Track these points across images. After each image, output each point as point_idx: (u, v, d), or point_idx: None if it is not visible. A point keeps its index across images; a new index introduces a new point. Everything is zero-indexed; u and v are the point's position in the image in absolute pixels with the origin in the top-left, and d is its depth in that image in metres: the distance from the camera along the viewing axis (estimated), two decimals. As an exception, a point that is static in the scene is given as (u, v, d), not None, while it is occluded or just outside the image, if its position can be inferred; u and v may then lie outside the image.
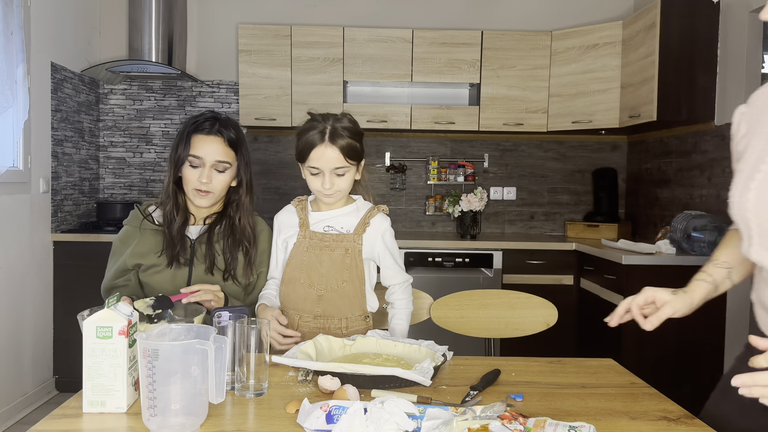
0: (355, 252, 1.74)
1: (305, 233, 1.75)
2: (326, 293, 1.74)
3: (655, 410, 1.26)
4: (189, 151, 1.71)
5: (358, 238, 1.75)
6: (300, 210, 1.79)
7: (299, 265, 1.74)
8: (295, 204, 1.82)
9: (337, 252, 1.73)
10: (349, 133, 1.66)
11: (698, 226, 3.04)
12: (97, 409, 1.19)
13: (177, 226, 1.75)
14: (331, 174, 1.67)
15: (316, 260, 1.73)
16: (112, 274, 1.78)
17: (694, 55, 3.19)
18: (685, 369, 3.03)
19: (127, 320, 1.19)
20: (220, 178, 1.74)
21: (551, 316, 2.03)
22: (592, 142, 4.25)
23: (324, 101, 3.81)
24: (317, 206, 1.79)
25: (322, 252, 1.73)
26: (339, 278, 1.73)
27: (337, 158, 1.65)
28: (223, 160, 1.73)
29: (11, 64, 2.95)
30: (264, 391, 1.29)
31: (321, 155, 1.65)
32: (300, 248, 1.75)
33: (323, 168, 1.66)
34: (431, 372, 1.32)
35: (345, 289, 1.74)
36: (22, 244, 3.19)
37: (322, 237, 1.74)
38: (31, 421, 3.08)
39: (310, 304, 1.74)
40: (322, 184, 1.68)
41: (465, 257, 3.56)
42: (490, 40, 3.83)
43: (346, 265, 1.73)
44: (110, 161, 4.15)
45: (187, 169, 1.72)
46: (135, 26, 3.78)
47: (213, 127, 1.73)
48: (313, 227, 1.76)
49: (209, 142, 1.72)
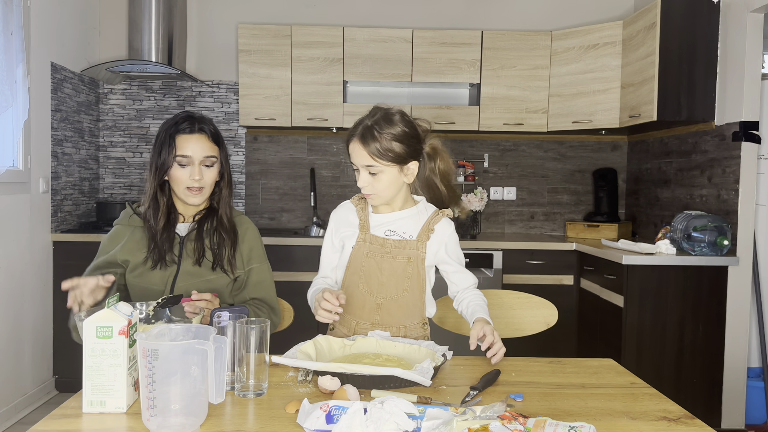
0: (418, 260, 1.68)
1: (365, 236, 1.69)
2: (385, 302, 1.69)
3: (655, 410, 1.26)
4: (175, 152, 1.71)
5: (422, 246, 1.68)
6: (360, 210, 1.73)
7: (358, 270, 1.69)
8: (355, 203, 1.75)
9: (398, 260, 1.67)
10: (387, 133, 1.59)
11: (698, 226, 3.04)
12: (97, 409, 1.19)
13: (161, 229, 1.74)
14: (365, 172, 1.63)
15: (376, 267, 1.67)
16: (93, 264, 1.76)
17: (694, 55, 3.19)
18: (685, 369, 3.03)
19: (127, 320, 1.19)
20: (210, 173, 1.76)
21: (551, 316, 2.03)
22: (592, 142, 4.25)
23: (324, 101, 3.81)
24: (377, 207, 1.73)
25: (382, 259, 1.67)
26: (399, 287, 1.68)
27: (363, 156, 1.61)
28: (210, 155, 1.75)
29: (11, 64, 2.95)
30: (264, 391, 1.29)
31: (353, 151, 1.63)
32: (359, 253, 1.68)
33: (357, 164, 1.63)
34: (431, 372, 1.32)
35: (405, 299, 1.69)
36: (21, 244, 3.19)
37: (383, 242, 1.68)
38: (31, 421, 3.08)
39: (368, 311, 1.69)
40: (358, 180, 1.65)
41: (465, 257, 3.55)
42: (490, 40, 3.83)
43: (408, 273, 1.68)
44: (110, 161, 4.15)
45: (175, 170, 1.72)
46: (135, 26, 3.78)
47: (195, 125, 1.74)
48: (374, 230, 1.69)
49: (195, 140, 1.73)
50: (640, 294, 3.01)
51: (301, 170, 4.19)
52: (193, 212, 1.83)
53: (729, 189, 3.11)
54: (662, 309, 3.01)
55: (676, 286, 3.01)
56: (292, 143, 4.19)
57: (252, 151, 4.18)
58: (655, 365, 3.01)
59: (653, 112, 3.21)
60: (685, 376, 3.03)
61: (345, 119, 3.82)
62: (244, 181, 4.18)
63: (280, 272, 3.06)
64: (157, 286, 1.76)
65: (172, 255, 1.76)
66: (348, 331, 1.72)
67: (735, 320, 3.03)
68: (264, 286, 1.85)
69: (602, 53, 3.65)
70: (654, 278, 3.01)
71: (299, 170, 4.19)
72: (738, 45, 3.05)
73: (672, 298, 3.02)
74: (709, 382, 3.04)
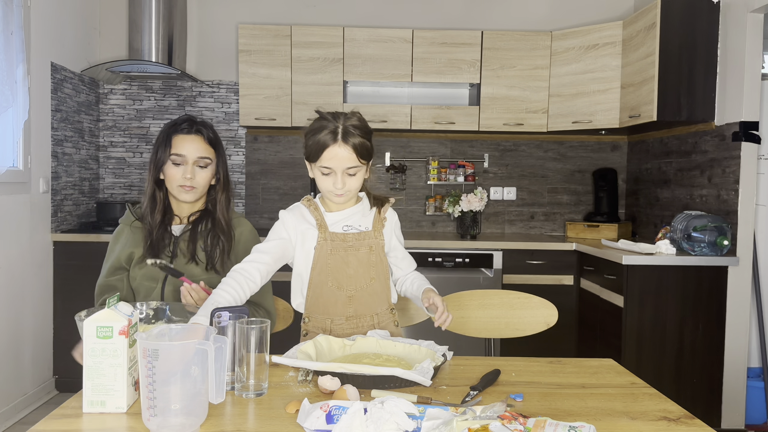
0: (379, 248, 1.74)
1: (325, 235, 1.70)
2: (356, 293, 1.72)
3: (655, 410, 1.26)
4: (171, 150, 1.77)
5: (379, 234, 1.74)
6: (313, 210, 1.74)
7: (325, 268, 1.71)
8: (306, 204, 1.76)
9: (362, 251, 1.72)
10: (360, 132, 1.64)
11: (698, 226, 3.04)
12: (97, 409, 1.19)
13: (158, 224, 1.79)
14: (343, 174, 1.64)
15: (342, 262, 1.71)
16: (106, 271, 1.83)
17: (694, 55, 3.19)
18: (685, 369, 3.03)
19: (128, 320, 1.19)
20: (203, 173, 1.80)
21: (551, 316, 2.03)
22: (592, 142, 4.25)
23: (324, 101, 3.81)
24: (327, 206, 1.75)
25: (347, 253, 1.71)
26: (367, 276, 1.73)
27: (349, 158, 1.62)
28: (204, 156, 1.80)
29: (11, 64, 2.95)
30: (264, 391, 1.29)
31: (334, 155, 1.62)
32: (323, 251, 1.70)
33: (335, 168, 1.63)
34: (431, 372, 1.32)
35: (373, 287, 1.74)
36: (22, 244, 3.19)
37: (344, 237, 1.71)
38: (31, 421, 3.08)
39: (341, 306, 1.72)
40: (333, 183, 1.65)
41: (465, 257, 3.56)
42: (490, 40, 3.83)
43: (372, 262, 1.73)
44: (110, 161, 4.15)
45: (170, 168, 1.78)
46: (135, 26, 3.78)
47: (192, 126, 1.80)
48: (332, 228, 1.72)
49: (190, 141, 1.78)
50: (640, 294, 3.01)
51: (301, 170, 4.19)
52: (187, 213, 1.86)
53: (729, 189, 3.11)
54: (662, 309, 3.01)
55: (676, 286, 3.01)
56: (292, 143, 4.19)
57: (252, 151, 4.18)
58: (655, 365, 3.01)
59: (653, 112, 3.21)
60: (685, 376, 3.03)
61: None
62: (244, 181, 4.18)
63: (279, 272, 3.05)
64: (148, 281, 1.80)
65: (167, 252, 1.80)
66: (324, 332, 1.72)
67: (735, 320, 3.03)
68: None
69: (602, 53, 3.65)
70: (654, 278, 3.01)
71: (299, 170, 4.19)
72: (738, 45, 3.05)
73: (672, 298, 3.02)
74: (709, 382, 3.05)
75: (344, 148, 1.62)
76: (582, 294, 3.56)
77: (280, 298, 2.05)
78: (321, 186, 1.69)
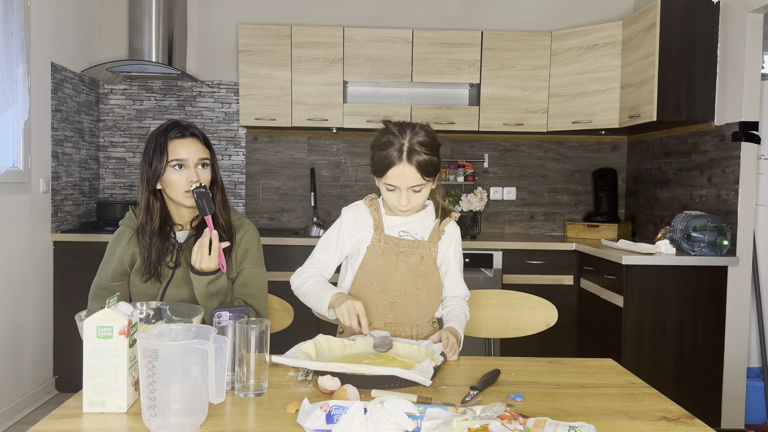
0: (431, 260, 1.72)
1: (380, 237, 1.70)
2: (399, 300, 1.71)
3: (655, 410, 1.26)
4: (169, 157, 1.71)
5: (434, 246, 1.72)
6: (374, 210, 1.73)
7: (372, 269, 1.70)
8: (368, 204, 1.76)
9: (412, 259, 1.70)
10: (427, 149, 1.60)
11: (698, 226, 3.04)
12: (97, 409, 1.19)
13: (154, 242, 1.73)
14: (408, 191, 1.62)
15: (392, 266, 1.70)
16: (108, 275, 1.77)
17: (694, 55, 3.19)
18: (685, 369, 3.03)
19: (128, 320, 1.19)
20: (205, 174, 1.77)
21: (551, 316, 2.03)
22: (592, 142, 4.25)
23: (324, 101, 3.81)
24: (389, 209, 1.74)
25: (397, 258, 1.70)
26: (413, 285, 1.71)
27: (414, 177, 1.60)
28: (203, 157, 1.76)
29: (11, 64, 2.95)
30: (264, 391, 1.29)
31: (399, 174, 1.60)
32: (374, 252, 1.70)
33: (400, 186, 1.62)
34: (431, 372, 1.32)
35: (419, 297, 1.72)
36: (22, 244, 3.19)
37: (398, 242, 1.70)
38: (31, 421, 3.08)
39: (381, 310, 1.71)
40: (398, 200, 1.64)
41: (465, 257, 3.56)
42: (490, 40, 3.83)
43: (421, 272, 1.71)
44: (110, 161, 4.15)
45: (171, 175, 1.72)
46: (135, 26, 3.78)
47: (186, 130, 1.76)
48: (388, 231, 1.72)
49: (188, 144, 1.73)
50: (639, 294, 3.01)
51: (301, 170, 4.19)
52: (189, 218, 1.81)
53: (729, 189, 3.11)
54: (662, 309, 3.01)
55: (675, 286, 3.01)
56: (292, 143, 4.19)
57: (252, 151, 4.18)
58: (655, 365, 3.01)
59: (653, 113, 3.21)
60: (685, 376, 3.03)
61: (345, 119, 3.82)
62: (244, 181, 4.18)
63: (279, 272, 3.06)
64: (150, 289, 1.76)
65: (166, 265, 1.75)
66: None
67: (735, 320, 3.03)
68: (251, 288, 1.80)
69: (602, 53, 3.65)
70: (654, 278, 3.01)
71: (299, 170, 4.19)
72: (738, 45, 3.05)
73: (672, 298, 3.02)
74: (709, 382, 3.05)
75: (409, 168, 1.59)
76: (582, 294, 3.57)
77: (281, 299, 2.04)
78: (387, 199, 1.68)
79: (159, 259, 1.73)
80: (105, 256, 1.82)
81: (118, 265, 1.77)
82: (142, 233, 1.75)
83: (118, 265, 1.77)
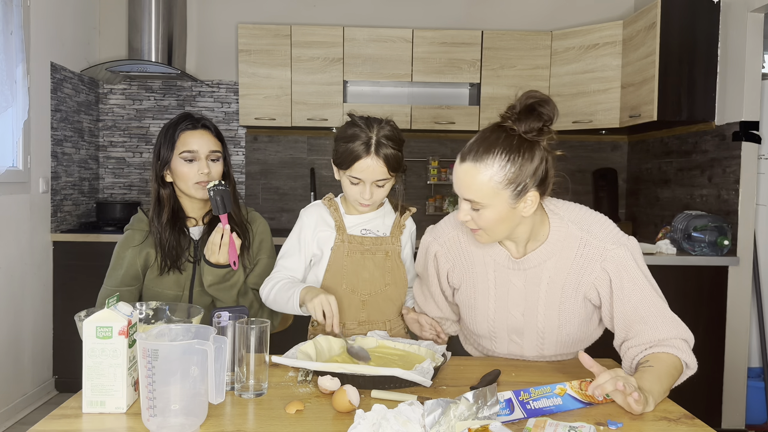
0: (395, 255, 1.73)
1: (343, 237, 1.70)
2: (370, 298, 1.71)
3: (655, 410, 1.25)
4: (180, 149, 1.71)
5: (396, 241, 1.74)
6: (333, 211, 1.72)
7: (340, 270, 1.69)
8: (327, 204, 1.75)
9: (378, 256, 1.71)
10: (393, 143, 1.61)
11: (698, 226, 3.04)
12: (96, 409, 1.19)
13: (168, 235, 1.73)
14: (372, 185, 1.62)
15: (359, 265, 1.70)
16: (119, 280, 1.75)
17: (694, 55, 3.19)
18: (685, 369, 3.02)
19: (127, 320, 1.19)
20: (216, 167, 1.76)
21: (551, 316, 2.02)
22: (592, 142, 4.25)
23: (324, 101, 3.81)
24: (348, 208, 1.74)
25: (363, 256, 1.70)
26: (382, 282, 1.71)
27: (380, 171, 1.60)
28: (215, 149, 1.76)
29: (11, 64, 2.95)
30: (264, 392, 1.29)
31: (365, 168, 1.59)
32: (339, 253, 1.69)
33: (365, 179, 1.61)
34: (431, 372, 1.31)
35: (388, 293, 1.72)
36: (21, 244, 3.19)
37: (362, 241, 1.70)
38: (31, 421, 3.07)
39: (354, 310, 1.71)
40: (361, 194, 1.63)
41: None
42: (490, 39, 3.83)
43: (388, 268, 1.72)
44: (110, 161, 4.15)
45: (181, 166, 1.72)
46: (135, 26, 3.78)
47: (198, 122, 1.76)
48: (350, 230, 1.71)
49: (199, 136, 1.73)
50: (640, 294, 3.00)
51: (301, 170, 4.19)
52: (201, 213, 1.81)
53: (729, 189, 3.11)
54: (662, 309, 3.00)
55: (676, 286, 3.01)
56: (292, 143, 4.19)
57: (252, 151, 4.18)
58: (655, 365, 3.01)
59: (653, 112, 3.20)
60: (685, 376, 3.02)
61: (345, 119, 3.81)
62: (244, 181, 4.17)
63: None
64: (171, 290, 1.75)
65: (187, 258, 1.75)
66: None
67: (735, 320, 3.03)
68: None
69: (602, 53, 3.65)
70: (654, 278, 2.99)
71: (299, 170, 4.19)
72: (738, 45, 3.05)
73: (672, 298, 2.98)
74: (709, 382, 3.04)
75: (376, 160, 1.59)
76: (582, 294, 3.56)
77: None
78: (348, 193, 1.67)
79: (176, 250, 1.72)
80: (112, 263, 1.79)
81: (130, 268, 1.74)
82: (154, 225, 1.74)
83: (130, 268, 1.74)
